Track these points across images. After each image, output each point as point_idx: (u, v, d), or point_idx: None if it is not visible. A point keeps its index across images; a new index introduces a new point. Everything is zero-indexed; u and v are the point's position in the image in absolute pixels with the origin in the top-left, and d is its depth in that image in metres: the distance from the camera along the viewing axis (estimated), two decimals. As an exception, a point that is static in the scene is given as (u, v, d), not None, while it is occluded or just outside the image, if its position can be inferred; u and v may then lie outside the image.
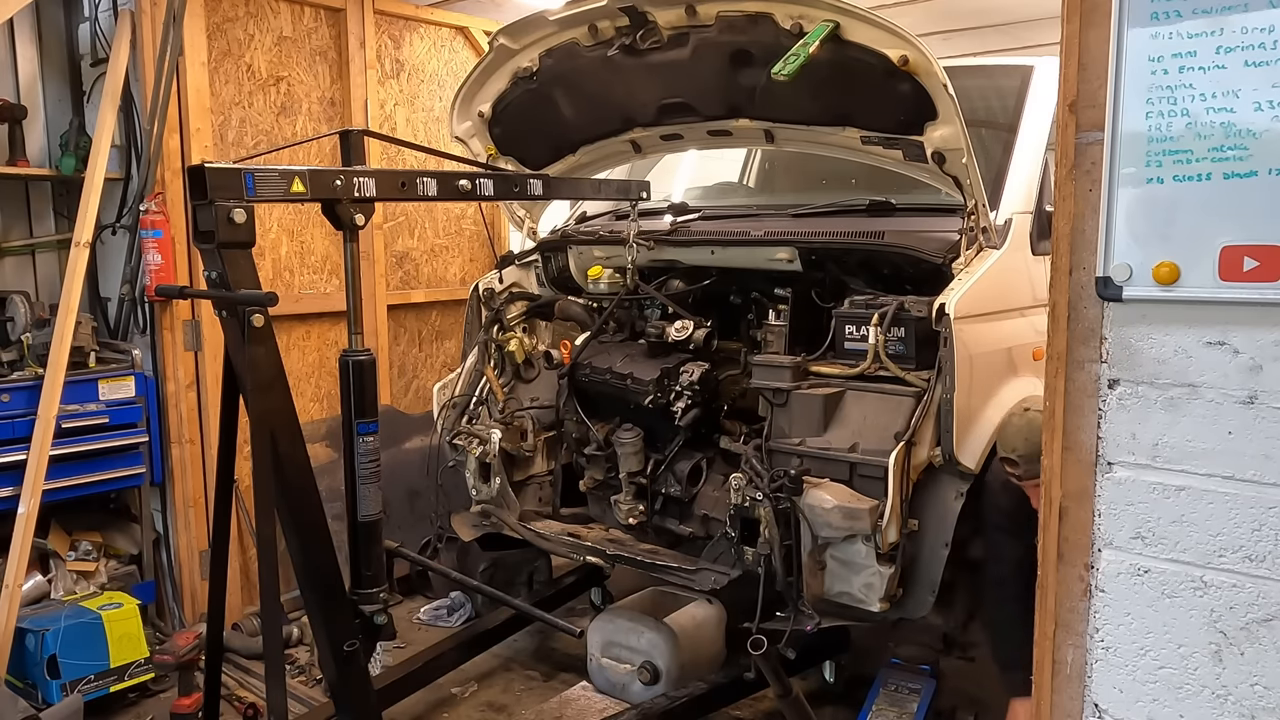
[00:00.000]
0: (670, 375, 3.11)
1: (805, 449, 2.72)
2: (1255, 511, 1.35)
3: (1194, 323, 1.37)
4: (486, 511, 3.41)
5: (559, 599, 3.85)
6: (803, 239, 3.08)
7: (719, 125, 3.30)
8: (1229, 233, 1.32)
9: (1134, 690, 1.47)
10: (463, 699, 3.40)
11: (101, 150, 3.57)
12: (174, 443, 3.83)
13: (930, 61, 2.58)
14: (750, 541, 2.73)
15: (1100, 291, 1.42)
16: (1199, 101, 1.33)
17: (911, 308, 2.72)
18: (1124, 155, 1.38)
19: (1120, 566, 1.46)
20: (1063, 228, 1.46)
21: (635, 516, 3.26)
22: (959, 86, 2.65)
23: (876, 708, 2.92)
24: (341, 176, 2.33)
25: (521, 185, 2.88)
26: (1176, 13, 1.33)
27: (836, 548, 2.64)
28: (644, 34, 2.95)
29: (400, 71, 4.56)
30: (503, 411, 3.46)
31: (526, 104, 3.39)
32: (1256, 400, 1.34)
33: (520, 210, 3.83)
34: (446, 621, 3.97)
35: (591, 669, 3.29)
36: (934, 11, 4.58)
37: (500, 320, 3.58)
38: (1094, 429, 1.46)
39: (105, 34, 3.76)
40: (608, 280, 3.43)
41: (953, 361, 2.57)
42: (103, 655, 3.21)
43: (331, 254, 4.29)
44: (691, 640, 3.18)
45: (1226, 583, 1.38)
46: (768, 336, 3.09)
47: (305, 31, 4.17)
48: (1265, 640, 1.35)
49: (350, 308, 2.47)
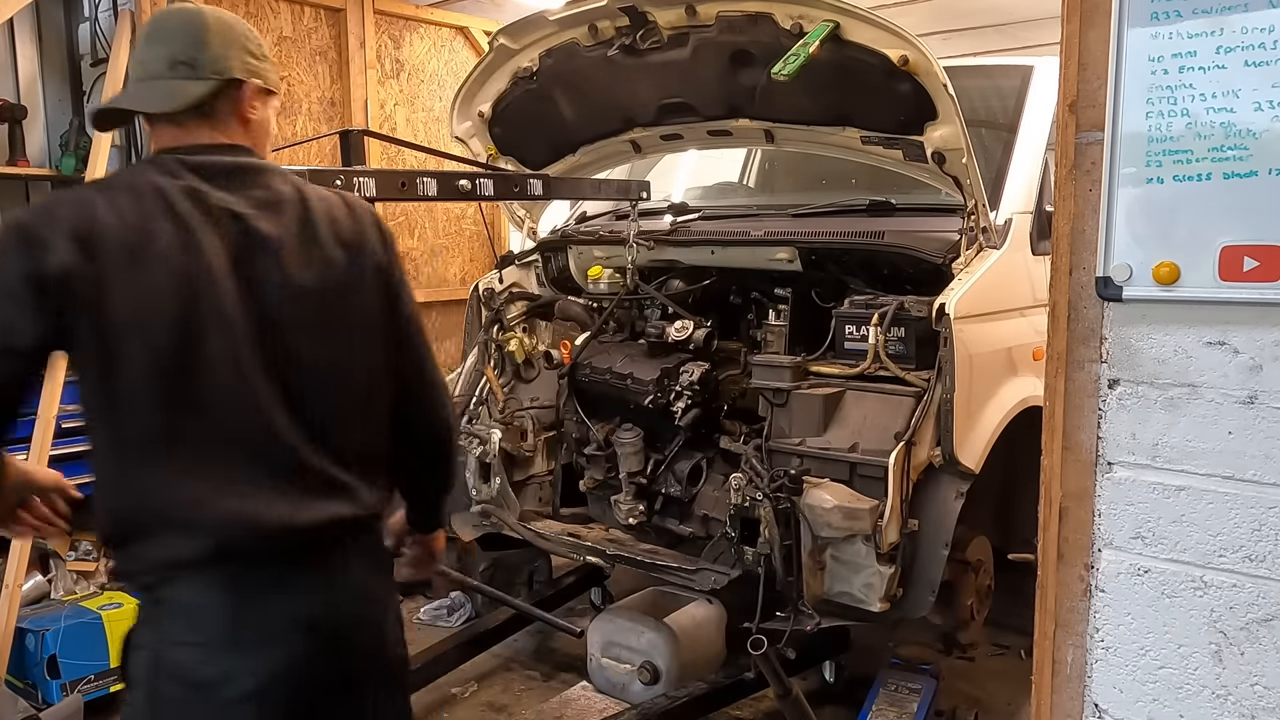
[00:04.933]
0: (670, 375, 3.11)
1: (805, 449, 2.72)
2: (1255, 511, 1.35)
3: (1194, 323, 1.37)
4: (486, 511, 3.41)
5: (559, 599, 3.85)
6: (803, 239, 3.08)
7: (719, 125, 3.30)
8: (1229, 233, 1.32)
9: (1134, 690, 1.47)
10: (463, 699, 3.39)
11: (101, 150, 3.57)
12: (174, 443, 3.82)
13: (930, 61, 2.58)
14: (750, 541, 2.73)
15: (1100, 291, 1.42)
16: (1199, 101, 1.33)
17: (911, 308, 2.71)
18: (1124, 155, 1.38)
19: (1120, 566, 1.46)
20: (1063, 228, 1.47)
21: (635, 516, 3.25)
22: (959, 86, 2.65)
23: (876, 708, 2.91)
24: (341, 176, 2.33)
25: (521, 185, 2.88)
26: (1176, 13, 1.33)
27: (836, 548, 2.64)
28: (644, 34, 2.95)
29: (400, 71, 4.56)
30: (503, 411, 3.46)
31: (526, 104, 3.39)
32: (1256, 400, 1.34)
33: (520, 210, 3.83)
34: (446, 621, 3.96)
35: (591, 669, 3.29)
36: (934, 11, 4.59)
37: (500, 320, 3.58)
38: (1094, 429, 1.46)
39: (105, 34, 3.76)
40: (608, 280, 3.43)
41: (953, 361, 2.57)
42: (103, 655, 3.20)
43: (331, 254, 4.28)
44: (691, 640, 3.17)
45: (1226, 583, 1.38)
46: (768, 336, 3.08)
47: (305, 31, 4.17)
48: (1265, 640, 1.35)
49: (350, 308, 2.47)
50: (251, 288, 1.43)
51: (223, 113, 1.52)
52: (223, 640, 1.41)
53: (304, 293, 1.47)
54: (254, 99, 1.55)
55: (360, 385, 1.55)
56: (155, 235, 1.38)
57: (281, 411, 1.44)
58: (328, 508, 1.47)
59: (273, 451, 1.44)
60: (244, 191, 1.48)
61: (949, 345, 2.57)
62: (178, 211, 1.41)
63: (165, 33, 1.53)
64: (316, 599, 1.47)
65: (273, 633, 1.43)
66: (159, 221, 1.39)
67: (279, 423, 1.44)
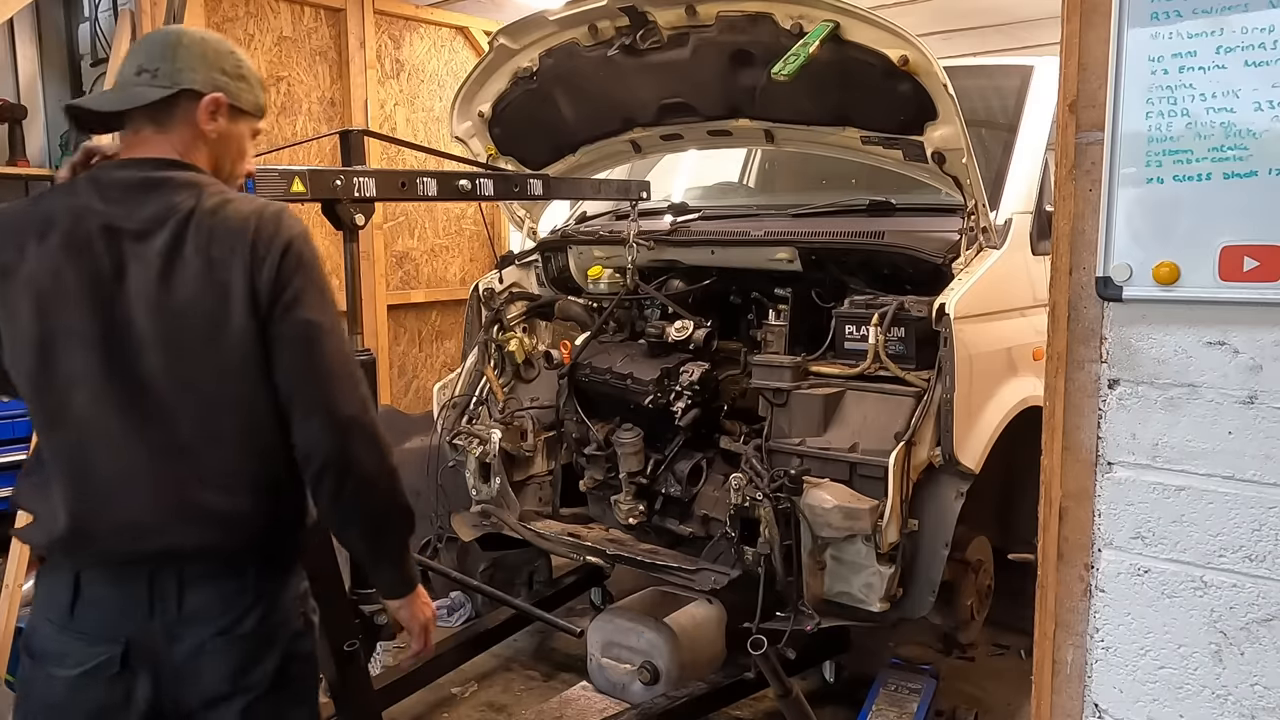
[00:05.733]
0: (670, 375, 3.11)
1: (805, 449, 2.72)
2: (1255, 511, 1.35)
3: (1194, 323, 1.37)
4: (486, 511, 3.41)
5: (559, 599, 3.85)
6: (803, 239, 3.08)
7: (719, 125, 3.30)
8: (1229, 233, 1.32)
9: (1134, 690, 1.47)
10: (463, 699, 3.39)
11: (101, 150, 3.57)
12: (174, 443, 3.82)
13: (930, 61, 2.58)
14: (750, 541, 2.73)
15: (1100, 291, 1.42)
16: (1199, 101, 1.33)
17: (911, 308, 2.72)
18: (1124, 155, 1.38)
19: (1120, 566, 1.46)
20: (1063, 228, 1.47)
21: (635, 516, 3.25)
22: (959, 86, 2.65)
23: (876, 708, 2.91)
24: (341, 176, 2.33)
25: (521, 185, 2.88)
26: (1176, 13, 1.33)
27: (836, 548, 2.64)
28: (644, 34, 2.95)
29: (400, 71, 4.56)
30: (503, 411, 3.46)
31: (526, 104, 3.39)
32: (1256, 400, 1.34)
33: (520, 210, 3.83)
34: (446, 621, 3.96)
35: (591, 669, 3.29)
36: (934, 11, 4.59)
37: (500, 320, 3.58)
38: (1094, 429, 1.46)
39: (105, 34, 3.76)
40: (608, 280, 3.43)
41: (953, 361, 2.57)
42: (103, 655, 3.20)
43: (331, 254, 4.28)
44: (691, 640, 3.17)
45: (1227, 583, 1.38)
46: (768, 336, 3.08)
47: (305, 31, 4.17)
48: (1265, 640, 1.35)
49: (350, 308, 2.47)
50: (110, 306, 1.44)
51: (176, 122, 1.53)
52: (65, 624, 1.49)
53: (164, 311, 1.45)
54: (213, 112, 1.54)
55: (223, 406, 1.49)
56: (26, 257, 1.45)
57: (134, 430, 1.45)
58: (172, 531, 1.47)
59: (124, 470, 1.46)
60: (136, 208, 1.47)
61: (949, 345, 2.57)
62: (55, 232, 1.45)
63: (143, 46, 1.58)
64: (138, 618, 1.48)
65: (95, 636, 1.48)
66: (31, 243, 1.45)
67: (130, 441, 1.45)
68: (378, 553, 1.70)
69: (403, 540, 1.69)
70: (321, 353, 1.51)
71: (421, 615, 1.77)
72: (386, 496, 1.60)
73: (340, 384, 1.52)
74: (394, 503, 1.62)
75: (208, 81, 1.54)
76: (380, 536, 1.66)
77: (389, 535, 1.67)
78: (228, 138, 1.59)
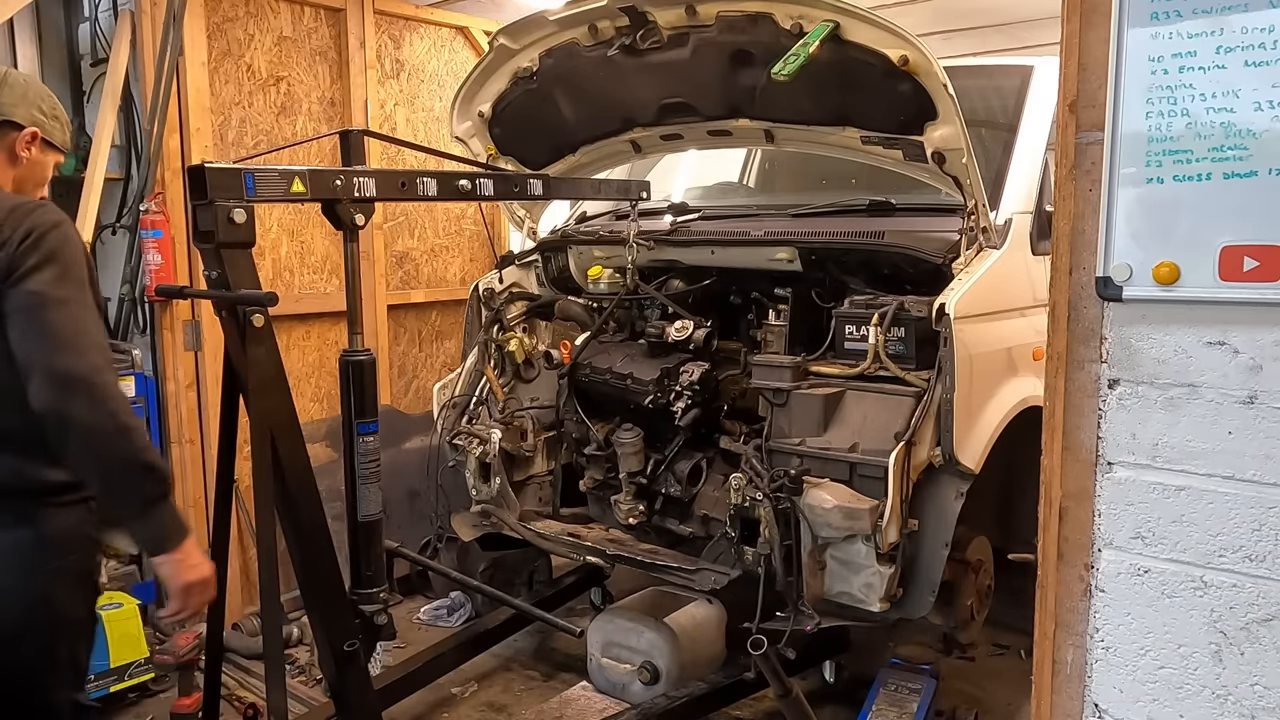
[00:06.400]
0: (670, 375, 3.11)
1: (805, 449, 2.72)
2: (1255, 511, 1.35)
3: (1194, 323, 1.37)
4: (486, 511, 3.41)
5: (559, 599, 3.85)
6: (803, 239, 3.08)
7: (719, 125, 3.30)
8: (1229, 233, 1.32)
9: (1134, 690, 1.47)
10: (463, 699, 3.39)
11: (101, 150, 3.57)
12: (174, 443, 3.82)
13: (930, 61, 2.58)
14: (750, 541, 2.73)
15: (1100, 291, 1.42)
16: (1199, 101, 1.33)
17: (911, 308, 2.72)
18: (1124, 155, 1.38)
19: (1120, 566, 1.46)
20: (1063, 228, 1.47)
21: (635, 516, 3.26)
22: (959, 86, 2.65)
23: (876, 708, 2.92)
24: (341, 176, 2.33)
25: (521, 185, 2.88)
26: (1176, 13, 1.33)
27: (836, 548, 2.64)
28: (644, 34, 2.95)
29: (400, 71, 4.55)
30: (503, 411, 3.46)
31: (526, 104, 3.39)
32: (1256, 400, 1.34)
33: (520, 210, 3.83)
34: (446, 621, 3.97)
35: (591, 669, 3.29)
36: (934, 11, 4.58)
37: (500, 320, 3.58)
38: (1094, 429, 1.46)
39: (105, 34, 3.75)
40: (608, 280, 3.43)
41: (953, 361, 2.57)
42: (103, 655, 3.20)
43: (331, 254, 4.29)
44: (691, 640, 3.17)
45: (1227, 583, 1.38)
46: (768, 336, 3.09)
47: (305, 31, 4.16)
48: (1265, 640, 1.35)
49: (350, 308, 2.47)
50: None
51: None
52: None
53: None
54: (28, 142, 1.90)
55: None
56: None
57: None
58: None
59: None
60: None
61: (949, 345, 2.57)
62: None
63: None
64: None
65: None
66: None
67: None
68: (117, 507, 1.80)
69: (145, 497, 1.77)
70: (45, 319, 1.69)
71: (182, 576, 1.84)
72: (114, 451, 1.71)
73: (61, 345, 1.68)
74: (126, 458, 1.73)
75: (27, 117, 1.90)
76: (115, 492, 1.77)
77: (126, 491, 1.76)
78: (35, 166, 1.94)
